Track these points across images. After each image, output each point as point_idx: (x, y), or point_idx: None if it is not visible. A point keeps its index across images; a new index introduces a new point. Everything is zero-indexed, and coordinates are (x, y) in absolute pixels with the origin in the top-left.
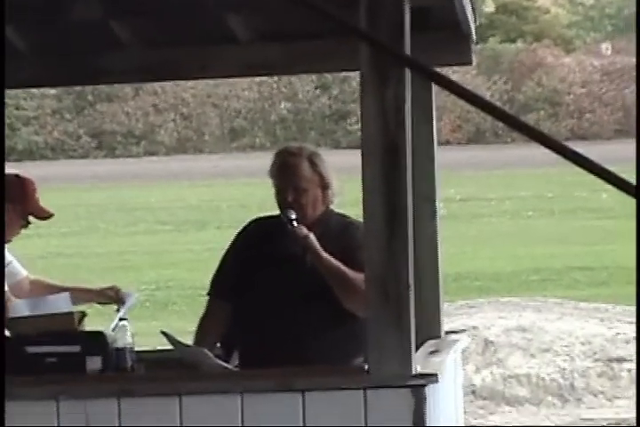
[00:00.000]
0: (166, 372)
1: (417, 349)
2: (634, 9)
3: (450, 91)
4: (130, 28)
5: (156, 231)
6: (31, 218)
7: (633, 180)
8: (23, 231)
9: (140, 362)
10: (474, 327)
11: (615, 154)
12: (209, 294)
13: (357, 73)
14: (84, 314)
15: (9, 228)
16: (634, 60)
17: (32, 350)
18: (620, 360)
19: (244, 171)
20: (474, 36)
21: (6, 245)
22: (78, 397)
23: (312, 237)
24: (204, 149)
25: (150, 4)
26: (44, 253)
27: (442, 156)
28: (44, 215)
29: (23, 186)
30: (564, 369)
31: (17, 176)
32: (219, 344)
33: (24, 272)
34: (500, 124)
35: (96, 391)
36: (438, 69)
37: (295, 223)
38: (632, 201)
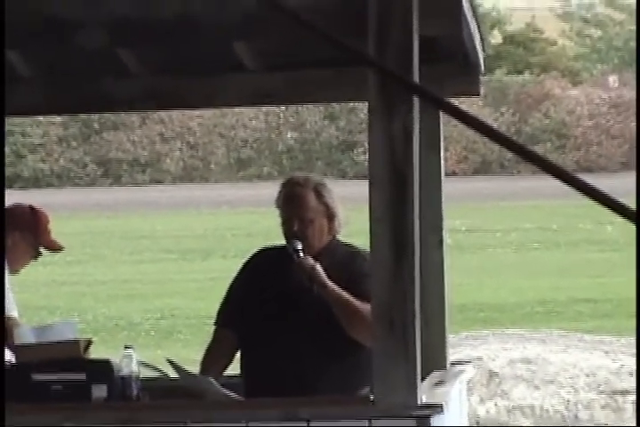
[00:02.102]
0: (172, 401)
1: (422, 379)
2: None
3: (459, 120)
4: (136, 56)
5: (161, 260)
6: (42, 249)
7: None
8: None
9: (146, 390)
10: (478, 359)
11: (622, 187)
12: (215, 323)
13: (365, 104)
14: (89, 342)
15: (20, 258)
16: None
17: (37, 377)
18: (624, 393)
19: (250, 200)
20: (482, 67)
21: (9, 278)
22: (83, 425)
23: (318, 267)
24: (210, 178)
25: (157, 31)
26: (48, 280)
27: (448, 186)
28: (55, 248)
29: (36, 218)
30: (568, 401)
31: (31, 208)
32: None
33: (14, 313)
34: (507, 156)
35: (101, 420)
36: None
37: (301, 254)
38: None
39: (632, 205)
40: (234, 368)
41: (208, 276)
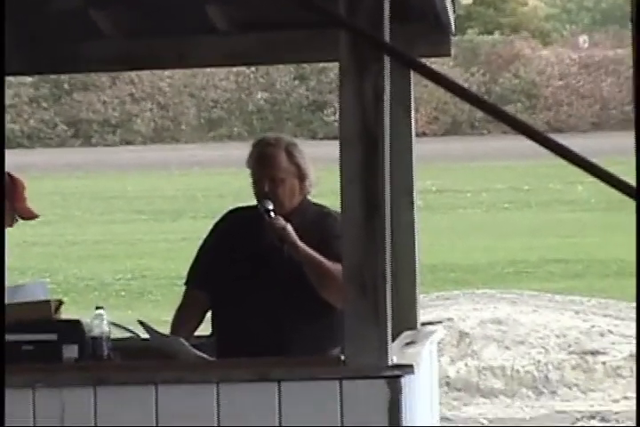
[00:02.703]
0: (143, 361)
1: (393, 340)
2: (611, 2)
3: (430, 79)
4: (108, 18)
5: (132, 221)
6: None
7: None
8: None
9: (117, 351)
10: (449, 319)
11: (592, 147)
12: (186, 283)
13: (335, 64)
14: (60, 302)
15: None
16: (611, 52)
17: (8, 338)
18: (595, 353)
19: (221, 161)
20: (452, 28)
21: None
22: (54, 385)
23: (289, 227)
24: (181, 138)
25: None
26: (19, 241)
27: (418, 147)
28: (30, 216)
29: (14, 185)
30: (538, 361)
31: (9, 175)
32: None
33: None
34: (477, 116)
35: (72, 380)
36: None
37: (272, 214)
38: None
39: (603, 164)
40: (204, 329)
41: (179, 236)
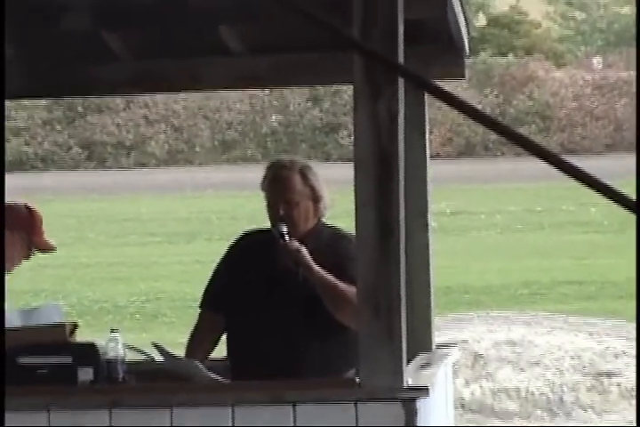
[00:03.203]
0: (158, 383)
1: (408, 362)
2: (624, 24)
3: (444, 101)
4: (121, 40)
5: (146, 243)
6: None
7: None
8: None
9: (132, 374)
10: (463, 341)
11: (606, 169)
12: (200, 306)
13: (349, 86)
14: (75, 325)
15: (15, 258)
16: (625, 74)
17: (23, 361)
18: (610, 375)
19: (235, 183)
20: (467, 49)
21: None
22: (69, 408)
23: (304, 250)
24: (195, 160)
25: (142, 14)
26: (33, 264)
27: (432, 169)
28: (48, 249)
29: (32, 218)
30: (553, 383)
31: (27, 208)
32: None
33: None
34: (491, 138)
35: (87, 403)
36: None
37: (287, 237)
38: (620, 215)
39: (617, 186)
40: (219, 351)
41: (193, 258)
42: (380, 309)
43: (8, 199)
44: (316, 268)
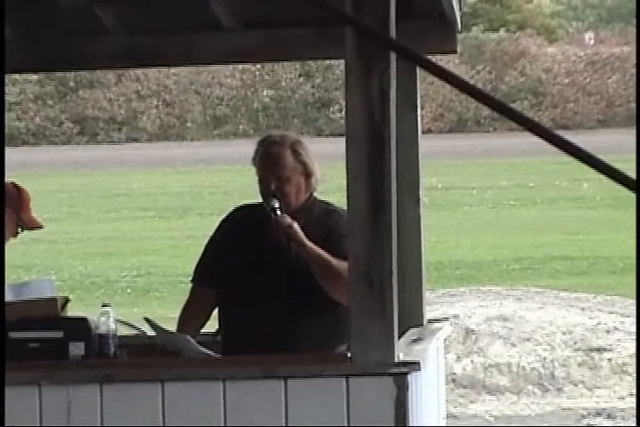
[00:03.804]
0: (149, 358)
1: (400, 337)
2: None
3: (436, 76)
4: (114, 14)
5: (138, 218)
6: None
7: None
8: None
9: (123, 348)
10: (455, 316)
11: (598, 144)
12: (192, 280)
13: (341, 61)
14: (67, 300)
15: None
16: (617, 50)
17: (15, 335)
18: (601, 350)
19: (226, 158)
20: (458, 24)
21: None
22: (60, 382)
23: (296, 226)
24: (187, 135)
25: None
26: (25, 239)
27: (424, 144)
28: (35, 226)
29: (20, 196)
30: (544, 358)
31: (14, 185)
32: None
33: None
34: (483, 114)
35: (78, 377)
36: None
37: (279, 212)
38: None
39: (610, 161)
40: (210, 326)
41: (185, 234)
42: (372, 283)
43: None
44: (309, 243)
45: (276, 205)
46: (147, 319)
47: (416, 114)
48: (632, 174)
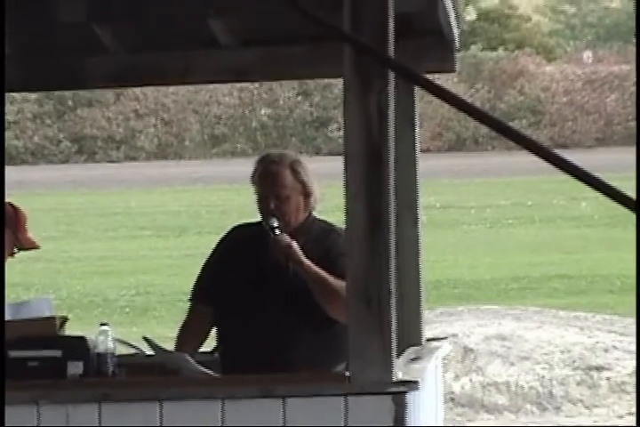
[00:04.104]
0: (147, 377)
1: (398, 356)
2: (615, 18)
3: (435, 95)
4: (112, 32)
5: (136, 237)
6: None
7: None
8: None
9: (122, 367)
10: (453, 335)
11: (596, 163)
12: (190, 299)
13: (339, 80)
14: (65, 319)
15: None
16: (615, 68)
17: (13, 354)
18: (600, 369)
19: (224, 177)
20: (457, 43)
21: None
22: (59, 401)
23: (295, 245)
24: (185, 154)
25: (133, 8)
26: (23, 257)
27: (422, 163)
28: (31, 246)
29: (16, 215)
30: (543, 377)
31: (11, 205)
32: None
33: None
34: (481, 132)
35: (77, 396)
36: None
37: (277, 231)
38: (610, 209)
39: (608, 180)
40: (208, 345)
41: (183, 253)
42: (371, 302)
43: None
44: (307, 262)
45: (275, 224)
46: (145, 339)
47: (414, 133)
48: (630, 193)
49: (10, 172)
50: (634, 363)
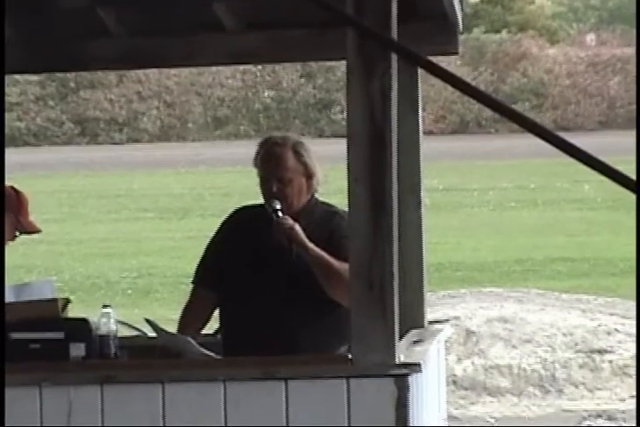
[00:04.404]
0: (149, 359)
1: (400, 338)
2: (618, 1)
3: (438, 77)
4: (116, 16)
5: (139, 219)
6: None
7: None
8: None
9: (124, 349)
10: (456, 318)
11: (599, 145)
12: (193, 282)
13: (342, 62)
14: (68, 300)
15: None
16: (618, 51)
17: (16, 336)
18: (602, 352)
19: (227, 159)
20: (460, 26)
21: None
22: (61, 383)
23: (297, 227)
24: (188, 136)
25: None
26: (25, 239)
27: (425, 146)
28: (33, 230)
29: (18, 199)
30: (545, 360)
31: (13, 189)
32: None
33: None
34: (484, 115)
35: (79, 378)
36: None
37: (280, 214)
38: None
39: (611, 163)
40: (210, 327)
41: (185, 235)
42: (373, 285)
43: None
44: (311, 245)
45: (278, 206)
46: (147, 320)
47: (417, 115)
48: (633, 176)
49: (12, 153)
50: (635, 346)
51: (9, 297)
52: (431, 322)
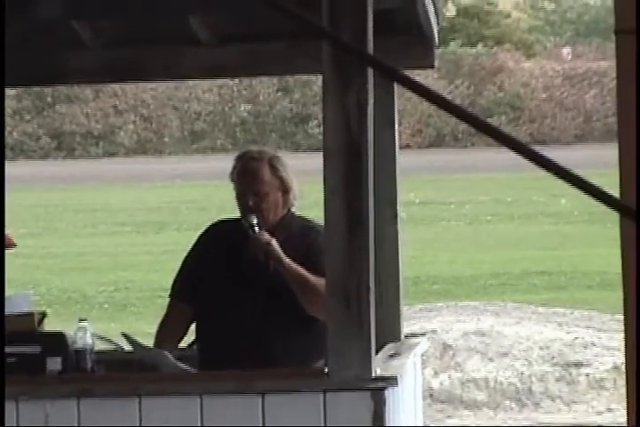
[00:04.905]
0: (126, 373)
1: (377, 352)
2: (594, 14)
3: (414, 91)
4: (91, 29)
5: (115, 233)
6: None
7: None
8: None
9: (100, 363)
10: (432, 331)
11: (575, 159)
12: (170, 295)
13: (319, 76)
14: (44, 314)
15: None
16: (594, 65)
17: None
18: (578, 365)
19: (204, 173)
20: (436, 40)
21: None
22: (38, 397)
23: (274, 243)
24: (164, 150)
25: (112, 4)
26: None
27: (402, 159)
28: (9, 244)
29: None
30: (521, 373)
31: None
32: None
33: None
34: (461, 129)
35: (56, 392)
36: None
37: (256, 228)
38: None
39: (587, 176)
40: (188, 341)
41: (162, 249)
42: (349, 299)
43: None
44: (287, 260)
45: (254, 221)
46: (125, 335)
47: (394, 129)
48: (609, 189)
49: None
50: (612, 359)
51: None
52: (408, 336)
